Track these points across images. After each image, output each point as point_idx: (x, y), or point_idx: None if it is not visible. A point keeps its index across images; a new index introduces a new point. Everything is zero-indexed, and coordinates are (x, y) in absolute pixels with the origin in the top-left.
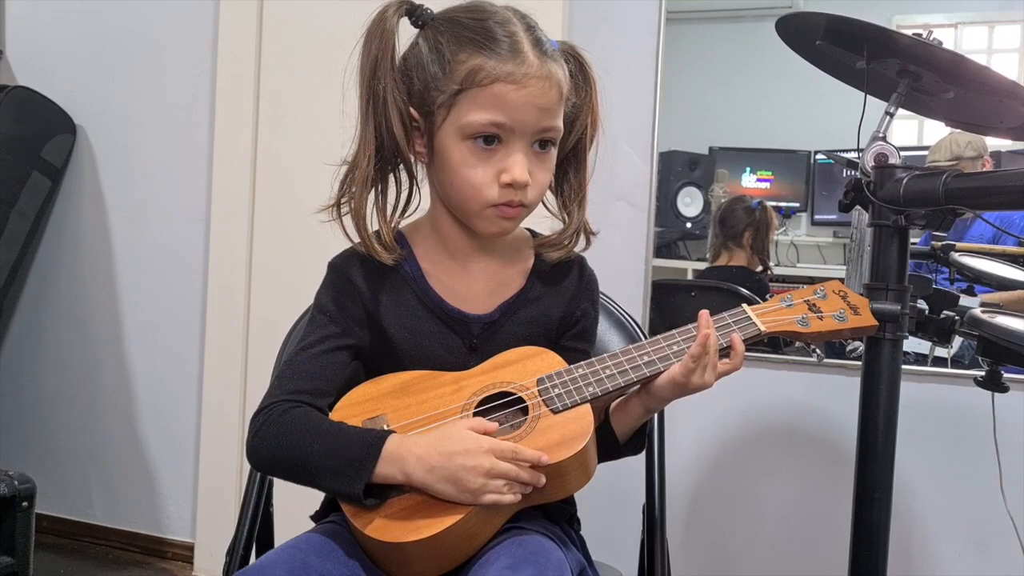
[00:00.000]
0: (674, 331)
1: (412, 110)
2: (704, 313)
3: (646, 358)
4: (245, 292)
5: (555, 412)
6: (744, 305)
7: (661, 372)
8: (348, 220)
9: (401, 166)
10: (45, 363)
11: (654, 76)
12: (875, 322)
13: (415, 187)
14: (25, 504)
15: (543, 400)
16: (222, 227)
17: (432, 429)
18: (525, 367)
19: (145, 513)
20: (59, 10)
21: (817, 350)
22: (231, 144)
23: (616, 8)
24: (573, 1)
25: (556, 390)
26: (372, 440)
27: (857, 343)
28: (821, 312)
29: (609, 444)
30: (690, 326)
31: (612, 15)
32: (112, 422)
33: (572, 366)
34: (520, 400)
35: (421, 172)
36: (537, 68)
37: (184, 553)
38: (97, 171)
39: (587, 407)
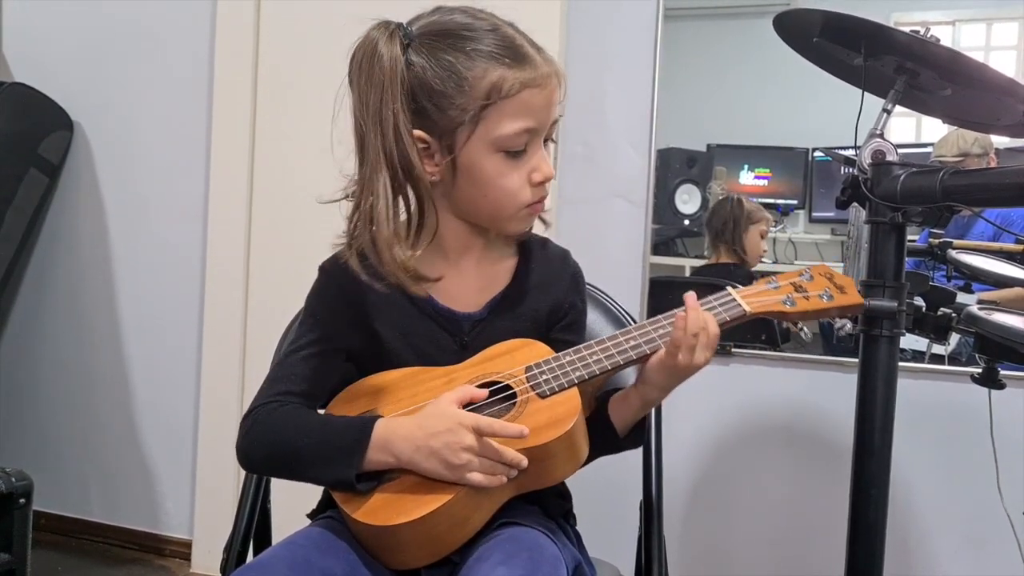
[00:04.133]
0: (660, 316)
1: (422, 133)
2: (690, 295)
3: (632, 341)
4: (243, 289)
5: (542, 397)
6: (729, 288)
7: (647, 354)
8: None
9: (420, 191)
10: (43, 360)
11: (652, 73)
12: (861, 300)
13: (427, 209)
14: (22, 501)
15: (531, 386)
16: (220, 224)
17: (419, 408)
18: (514, 358)
19: (143, 510)
20: (56, 6)
21: (804, 329)
22: (229, 141)
23: (615, 5)
24: None
25: (544, 376)
26: (361, 426)
27: (846, 322)
28: (807, 292)
29: (607, 436)
30: (677, 309)
31: (610, 12)
32: (110, 419)
33: (560, 353)
34: (509, 388)
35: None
36: (545, 67)
37: (182, 550)
38: (94, 168)
39: (574, 391)
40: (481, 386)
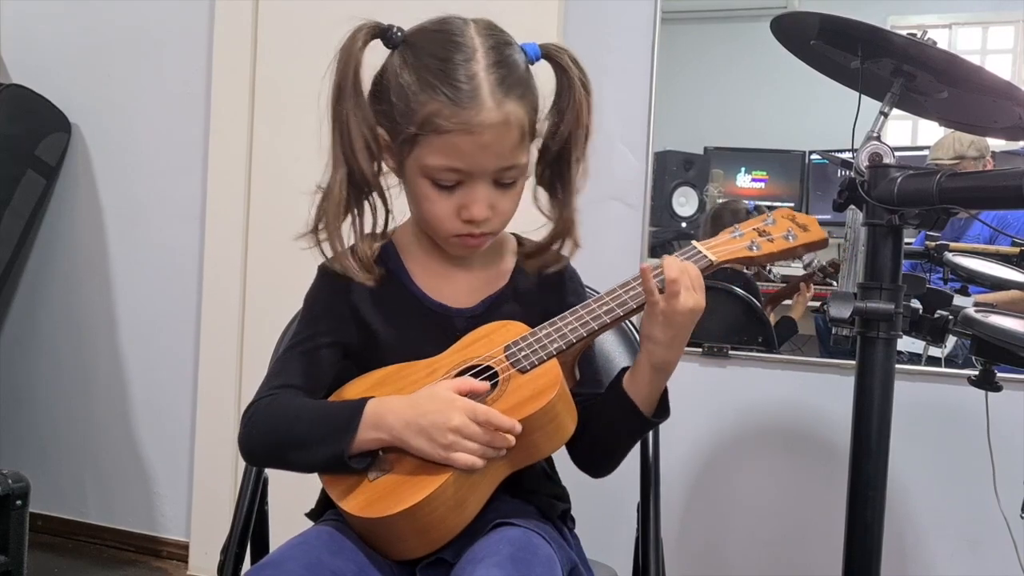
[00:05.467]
0: (631, 277)
1: (382, 131)
2: (645, 266)
3: (604, 306)
4: (240, 291)
5: (523, 372)
6: (694, 241)
7: (620, 315)
8: (327, 246)
9: (374, 192)
10: (40, 362)
11: (649, 76)
12: (824, 235)
13: (389, 214)
14: (19, 503)
15: (511, 364)
16: (217, 226)
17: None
18: (492, 340)
19: (140, 512)
20: (54, 8)
21: (773, 271)
22: (226, 143)
23: (611, 8)
24: (568, 1)
25: (523, 352)
26: (354, 405)
27: (813, 257)
28: (771, 235)
29: (634, 418)
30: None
31: (607, 15)
32: (107, 421)
33: (536, 328)
34: (490, 368)
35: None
36: (494, 115)
37: (179, 552)
38: (92, 170)
39: (554, 362)
40: (463, 371)
